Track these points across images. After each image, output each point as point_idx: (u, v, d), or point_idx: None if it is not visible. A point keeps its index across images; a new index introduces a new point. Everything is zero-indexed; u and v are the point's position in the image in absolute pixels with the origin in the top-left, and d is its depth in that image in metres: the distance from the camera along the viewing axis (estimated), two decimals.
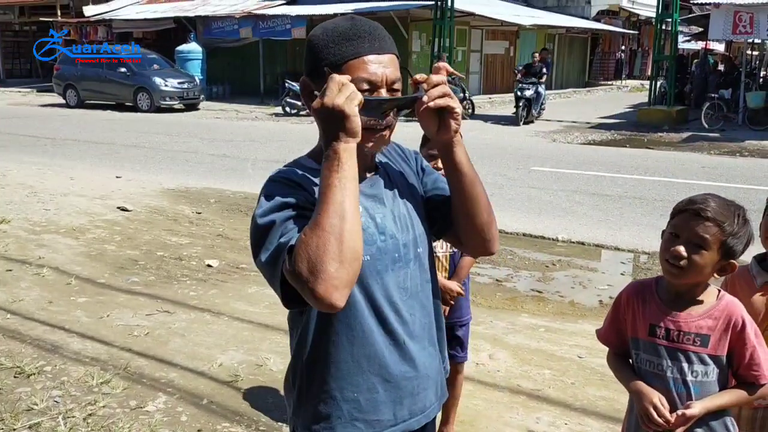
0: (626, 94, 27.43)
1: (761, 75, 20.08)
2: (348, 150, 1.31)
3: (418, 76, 1.45)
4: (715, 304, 1.82)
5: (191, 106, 20.41)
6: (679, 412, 1.77)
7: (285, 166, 1.53)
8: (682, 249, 1.74)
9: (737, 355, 1.80)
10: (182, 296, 5.15)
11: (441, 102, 1.43)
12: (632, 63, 36.26)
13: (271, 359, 4.09)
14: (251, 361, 4.07)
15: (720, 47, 32.50)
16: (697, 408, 1.77)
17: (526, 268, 6.00)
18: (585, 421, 3.36)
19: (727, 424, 1.84)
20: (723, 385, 1.83)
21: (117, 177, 9.74)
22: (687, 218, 1.75)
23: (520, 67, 18.00)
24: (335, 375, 1.47)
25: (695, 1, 17.28)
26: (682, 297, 1.83)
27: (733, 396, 1.82)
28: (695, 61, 23.35)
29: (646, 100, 20.40)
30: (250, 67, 23.77)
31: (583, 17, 30.79)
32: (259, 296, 5.17)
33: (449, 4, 19.68)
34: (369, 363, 1.48)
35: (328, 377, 1.48)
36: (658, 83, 18.49)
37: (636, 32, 35.60)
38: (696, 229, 1.73)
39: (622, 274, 5.86)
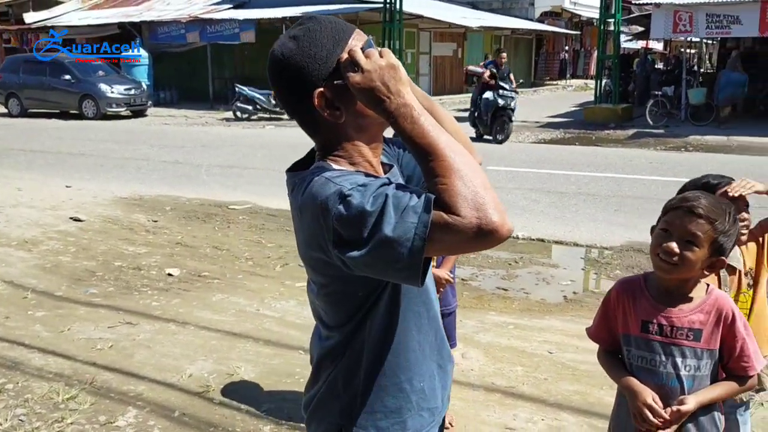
0: (571, 93, 28.01)
1: (700, 72, 20.77)
2: (413, 96, 1.28)
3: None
4: (705, 299, 1.86)
5: (138, 113, 19.97)
6: (674, 408, 1.80)
7: (317, 172, 1.35)
8: (674, 245, 1.77)
9: (728, 347, 1.84)
10: (144, 307, 5.03)
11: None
12: (576, 63, 37.07)
13: (243, 368, 4.03)
14: (222, 370, 4.00)
15: (659, 46, 33.52)
16: (691, 403, 1.80)
17: (489, 266, 6.06)
18: (561, 416, 3.41)
19: (716, 419, 1.88)
20: (713, 379, 1.87)
21: (67, 186, 9.47)
22: (680, 215, 1.78)
23: (486, 66, 14.92)
24: (405, 366, 1.45)
25: (636, 2, 17.79)
26: (672, 293, 1.87)
27: (724, 389, 1.85)
28: (636, 60, 23.95)
29: (590, 98, 20.88)
30: (198, 72, 23.41)
31: (527, 19, 31.39)
32: (225, 304, 5.09)
33: (398, 6, 19.80)
34: (430, 349, 1.48)
35: (398, 369, 1.44)
36: (603, 82, 18.92)
37: (578, 33, 36.41)
38: (689, 226, 1.76)
39: (582, 269, 5.98)
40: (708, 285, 1.89)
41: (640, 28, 25.74)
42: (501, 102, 13.63)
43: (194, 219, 7.81)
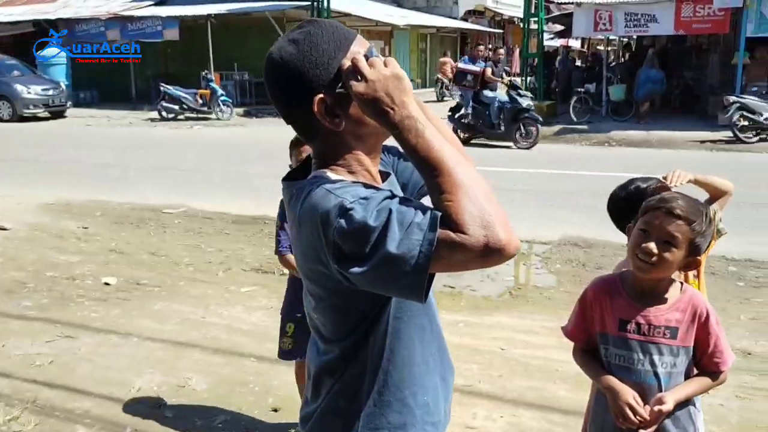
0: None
1: (619, 69, 21.52)
2: (417, 107, 1.26)
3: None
4: (680, 297, 1.91)
5: (57, 114, 19.15)
6: (655, 408, 1.84)
7: (315, 182, 1.31)
8: (653, 246, 1.81)
9: (702, 344, 1.90)
10: (83, 318, 4.83)
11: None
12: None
13: (193, 379, 3.92)
14: (171, 382, 3.88)
15: (577, 44, 34.56)
16: (670, 402, 1.84)
17: None
18: (518, 412, 3.47)
19: (691, 413, 1.94)
20: (687, 375, 1.93)
21: None
22: (658, 216, 1.82)
23: (483, 65, 13.47)
24: (409, 380, 1.41)
25: (557, 1, 18.31)
26: (648, 292, 1.91)
27: (698, 384, 1.91)
28: (558, 58, 24.66)
29: None
30: (119, 71, 22.62)
31: (451, 17, 31.80)
32: (167, 313, 4.94)
33: (325, 4, 19.71)
34: (434, 362, 1.45)
35: (402, 384, 1.41)
36: (528, 79, 19.37)
37: (501, 31, 37.15)
38: (668, 227, 1.80)
39: (524, 264, 6.10)
40: (681, 283, 1.95)
41: (561, 27, 26.55)
42: (524, 103, 12.66)
43: (127, 224, 7.55)
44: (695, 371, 1.94)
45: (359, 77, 1.26)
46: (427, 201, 1.26)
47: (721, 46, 17.30)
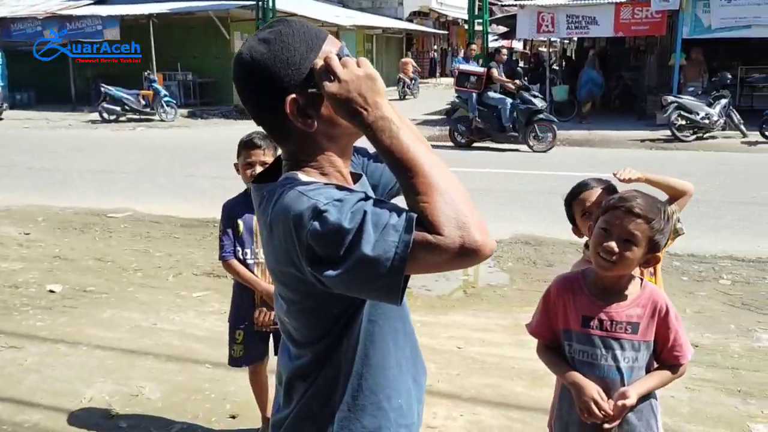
0: (443, 91, 28.75)
1: (559, 70, 21.99)
2: (391, 108, 1.25)
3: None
4: (641, 293, 1.96)
5: None
6: (619, 403, 1.88)
7: (288, 183, 1.30)
8: (614, 245, 1.85)
9: (662, 338, 1.96)
10: (28, 328, 4.66)
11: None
12: (444, 61, 38.18)
13: (146, 387, 3.82)
14: (124, 391, 3.78)
15: (519, 45, 35.16)
16: (633, 396, 1.89)
17: None
18: (477, 410, 3.50)
19: (653, 405, 2.00)
20: (648, 369, 1.98)
21: None
22: (619, 216, 1.86)
23: (475, 65, 13.67)
24: (384, 384, 1.41)
25: (502, 3, 18.59)
26: (610, 288, 1.96)
27: (659, 378, 1.97)
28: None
29: None
30: (57, 71, 21.92)
31: (396, 18, 31.96)
32: (117, 320, 4.81)
33: (270, 4, 19.52)
34: (406, 364, 1.45)
35: (376, 388, 1.40)
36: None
37: (446, 32, 37.53)
38: (628, 226, 1.84)
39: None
40: (642, 279, 2.00)
41: (505, 29, 26.96)
42: (538, 104, 12.14)
43: (71, 229, 7.32)
44: (655, 365, 2.00)
45: (332, 77, 1.24)
46: (398, 202, 1.26)
47: (658, 48, 17.87)
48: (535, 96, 12.33)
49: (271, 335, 3.20)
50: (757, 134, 12.81)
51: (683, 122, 13.06)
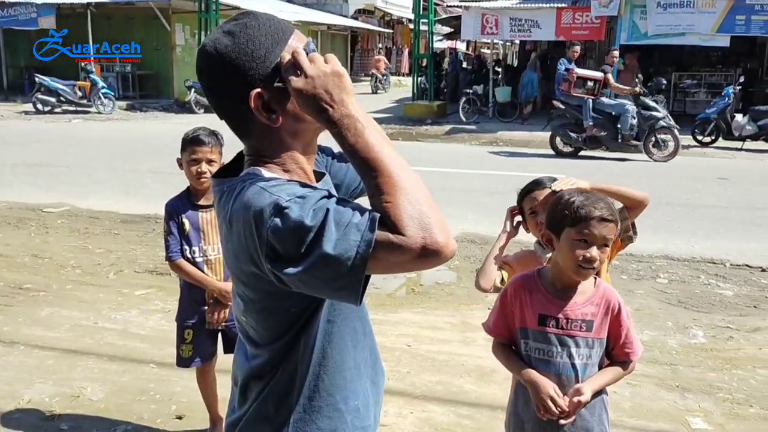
0: (388, 90, 28.88)
1: (502, 72, 22.37)
2: (358, 107, 1.23)
3: None
4: (595, 292, 2.02)
5: None
6: (574, 399, 1.93)
7: (249, 180, 1.28)
8: (596, 252, 1.89)
9: (614, 336, 2.02)
10: None
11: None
12: (389, 60, 38.31)
13: (89, 388, 3.71)
14: (65, 392, 3.66)
15: (462, 46, 35.63)
16: (588, 392, 1.94)
17: None
18: (428, 407, 3.53)
19: (604, 401, 2.07)
20: (599, 366, 2.03)
21: None
22: (594, 225, 1.88)
23: (609, 71, 12.05)
24: (341, 385, 1.39)
25: (447, 4, 18.77)
26: (567, 288, 2.00)
27: (611, 374, 2.02)
28: (447, 59, 25.33)
29: (404, 95, 21.73)
30: None
31: (341, 15, 31.88)
32: (56, 319, 4.65)
33: None
34: (365, 366, 1.44)
35: (333, 389, 1.39)
36: (418, 79, 19.70)
37: (390, 31, 37.66)
38: (604, 232, 1.89)
39: None
40: (596, 278, 2.05)
41: (449, 29, 27.28)
42: (662, 112, 11.50)
43: (4, 225, 7.03)
44: (606, 362, 2.05)
45: (298, 72, 1.23)
46: (362, 203, 1.26)
47: (596, 53, 18.35)
48: (658, 102, 11.61)
49: (219, 334, 3.15)
50: (690, 138, 13.30)
51: None
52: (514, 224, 2.44)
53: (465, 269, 5.82)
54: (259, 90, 1.27)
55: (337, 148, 1.35)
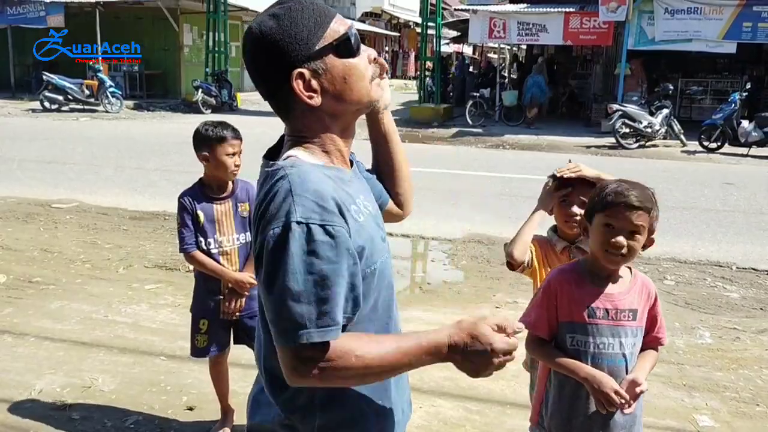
0: (393, 93, 28.89)
1: (508, 76, 22.41)
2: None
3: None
4: (634, 281, 2.01)
5: None
6: (636, 390, 1.91)
7: (290, 167, 1.32)
8: (622, 239, 1.88)
9: (650, 323, 2.02)
10: None
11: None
12: (395, 63, 38.37)
13: (100, 379, 3.74)
14: (76, 383, 3.68)
15: (469, 51, 35.70)
16: (645, 382, 1.93)
17: None
18: (437, 402, 3.55)
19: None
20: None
21: None
22: (621, 211, 1.88)
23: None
24: (361, 388, 1.42)
25: (455, 8, 18.81)
26: (609, 278, 1.99)
27: (652, 359, 2.03)
28: (454, 63, 25.35)
29: (411, 98, 21.77)
30: None
31: (348, 17, 31.85)
32: (66, 311, 4.68)
33: None
34: None
35: (351, 390, 1.41)
36: (425, 82, 19.74)
37: (397, 34, 37.73)
38: (631, 218, 1.88)
39: (432, 260, 6.23)
40: (630, 268, 2.04)
41: (455, 33, 27.32)
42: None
43: (13, 219, 7.07)
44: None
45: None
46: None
47: (604, 57, 18.39)
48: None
49: (232, 325, 3.17)
50: (696, 144, 13.33)
51: (627, 130, 13.48)
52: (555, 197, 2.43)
53: (472, 269, 5.84)
54: (300, 70, 1.32)
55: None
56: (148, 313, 4.71)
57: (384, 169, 1.68)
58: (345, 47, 1.34)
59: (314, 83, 1.33)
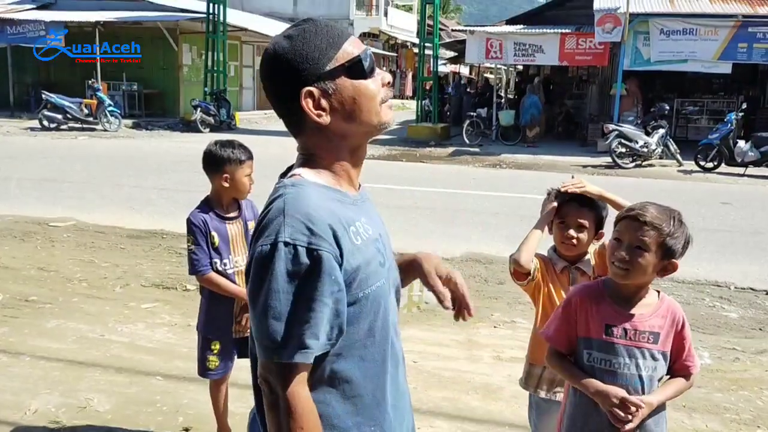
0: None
1: (505, 96, 22.55)
2: None
3: None
4: (660, 304, 2.00)
5: None
6: (647, 400, 1.91)
7: (290, 186, 1.35)
8: (624, 254, 1.89)
9: (677, 349, 1.99)
10: None
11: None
12: (393, 83, 38.53)
13: (95, 399, 3.70)
14: (71, 403, 3.65)
15: (465, 71, 35.92)
16: (655, 402, 1.92)
17: None
18: (435, 423, 3.52)
19: (665, 416, 2.04)
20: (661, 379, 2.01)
21: None
22: (627, 224, 1.90)
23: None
24: (352, 411, 1.39)
25: (452, 28, 18.96)
26: (631, 298, 1.98)
27: (676, 386, 2.00)
28: (451, 83, 25.50)
29: (408, 117, 21.87)
30: None
31: None
32: (62, 330, 4.65)
33: (221, 18, 19.40)
34: (382, 392, 1.42)
35: (345, 415, 1.38)
36: (423, 102, 19.84)
37: (395, 54, 37.98)
38: (636, 233, 1.88)
39: None
40: (658, 292, 2.04)
41: (452, 53, 27.51)
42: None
43: (10, 238, 7.05)
44: (666, 376, 2.03)
45: None
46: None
47: (599, 78, 18.51)
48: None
49: (241, 341, 3.12)
50: (692, 163, 13.38)
51: (623, 150, 13.54)
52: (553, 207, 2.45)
53: (470, 288, 5.77)
54: (310, 88, 1.34)
55: None
56: (145, 332, 4.68)
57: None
58: (356, 68, 1.36)
59: (324, 102, 1.35)
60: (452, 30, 26.38)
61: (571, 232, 2.42)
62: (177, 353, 4.26)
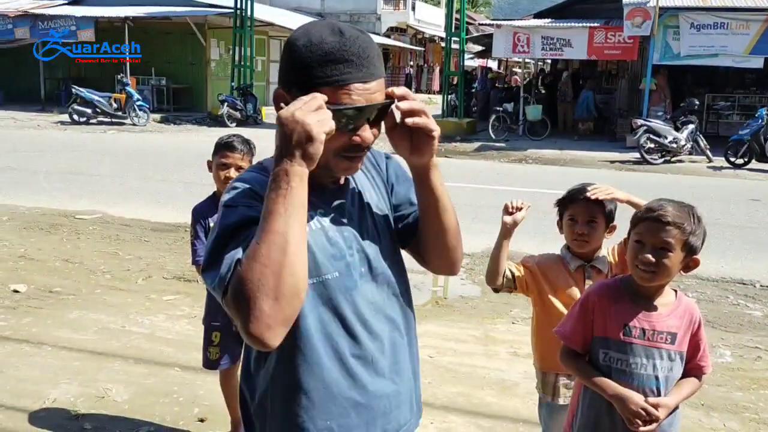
0: None
1: (534, 90, 22.34)
2: (300, 174, 1.21)
3: (394, 89, 1.36)
4: (677, 304, 1.96)
5: None
6: (657, 412, 1.88)
7: (251, 169, 1.46)
8: (650, 256, 1.85)
9: (693, 349, 1.96)
10: None
11: (418, 121, 1.34)
12: (420, 78, 38.46)
13: (113, 389, 3.76)
14: (90, 393, 3.71)
15: (494, 65, 35.67)
16: (669, 405, 1.90)
17: None
18: (448, 418, 3.51)
19: (679, 416, 2.01)
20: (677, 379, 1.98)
21: None
22: (649, 226, 1.86)
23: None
24: (306, 405, 1.38)
25: (479, 22, 18.84)
26: (650, 298, 1.94)
27: (691, 387, 1.97)
28: (477, 77, 25.37)
29: (435, 112, 21.78)
30: (26, 70, 21.63)
31: (374, 33, 32.11)
32: (85, 321, 4.73)
33: (249, 13, 19.50)
34: (339, 387, 1.40)
35: (298, 408, 1.39)
36: (449, 97, 19.76)
37: (422, 49, 37.83)
38: (660, 234, 1.84)
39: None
40: (675, 291, 2.00)
41: (479, 48, 27.32)
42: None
43: (37, 230, 7.18)
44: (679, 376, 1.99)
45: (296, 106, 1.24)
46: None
47: (629, 72, 18.24)
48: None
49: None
50: (722, 160, 13.13)
51: (652, 145, 13.33)
52: (511, 220, 2.47)
53: None
54: (283, 92, 1.34)
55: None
56: (165, 324, 4.74)
57: (427, 224, 1.52)
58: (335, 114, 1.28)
59: (284, 104, 1.31)
60: (480, 24, 26.17)
61: (582, 228, 2.39)
62: (195, 345, 4.27)
